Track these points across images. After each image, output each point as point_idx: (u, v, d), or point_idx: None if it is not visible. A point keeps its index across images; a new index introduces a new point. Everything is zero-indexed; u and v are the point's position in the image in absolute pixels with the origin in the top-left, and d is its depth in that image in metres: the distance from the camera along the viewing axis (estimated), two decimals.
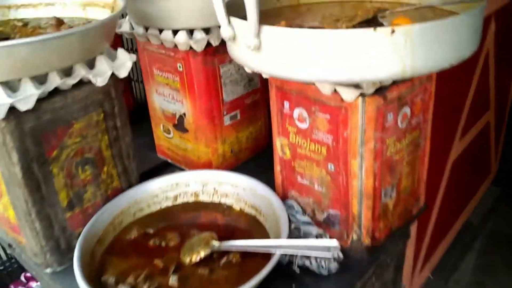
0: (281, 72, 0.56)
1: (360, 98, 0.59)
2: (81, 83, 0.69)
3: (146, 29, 0.87)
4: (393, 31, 0.49)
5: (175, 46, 0.84)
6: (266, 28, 0.54)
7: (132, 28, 0.90)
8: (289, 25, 0.69)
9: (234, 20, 0.58)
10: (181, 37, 0.80)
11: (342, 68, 0.51)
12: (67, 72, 0.67)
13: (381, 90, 0.60)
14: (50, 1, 0.83)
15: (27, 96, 0.61)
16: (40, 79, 0.63)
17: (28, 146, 0.65)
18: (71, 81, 0.67)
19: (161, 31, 0.84)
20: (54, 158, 0.69)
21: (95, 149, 0.75)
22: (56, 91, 0.66)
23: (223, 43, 0.75)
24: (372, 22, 0.65)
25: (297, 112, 0.69)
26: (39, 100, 0.64)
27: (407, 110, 0.65)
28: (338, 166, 0.67)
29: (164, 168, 1.06)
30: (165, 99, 0.97)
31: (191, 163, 0.99)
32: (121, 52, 0.73)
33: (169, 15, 0.79)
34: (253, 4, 0.52)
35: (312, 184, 0.73)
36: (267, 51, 0.55)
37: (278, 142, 0.76)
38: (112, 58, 0.73)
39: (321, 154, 0.69)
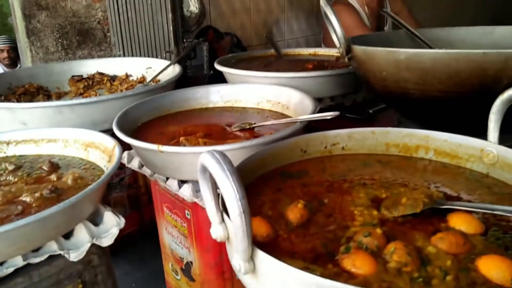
0: None
1: None
2: (54, 255, 0.55)
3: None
4: None
5: None
6: (261, 255, 0.38)
7: (142, 166, 0.78)
8: (311, 200, 0.53)
9: (228, 220, 0.43)
10: (186, 190, 0.66)
11: None
12: None
13: None
14: (52, 138, 0.74)
15: None
16: None
17: None
18: (38, 259, 0.53)
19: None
20: None
21: None
22: (18, 269, 0.53)
23: None
24: (425, 215, 0.47)
25: None
26: None
27: None
28: None
29: None
30: (173, 240, 0.82)
31: None
32: (108, 215, 0.59)
33: (174, 167, 0.66)
34: (240, 222, 0.36)
35: None
36: (263, 280, 0.38)
37: None
38: (97, 219, 0.60)
39: None
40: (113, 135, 0.89)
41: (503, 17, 3.69)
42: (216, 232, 0.43)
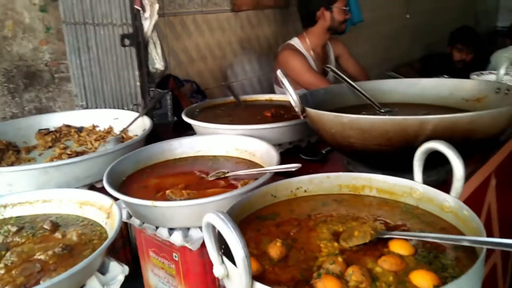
0: None
1: None
2: None
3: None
4: None
5: None
6: (259, 286, 0.52)
7: (130, 216, 0.89)
8: (285, 237, 0.67)
9: (227, 261, 0.56)
10: (177, 237, 0.79)
11: None
12: None
13: None
14: (46, 198, 0.83)
15: None
16: None
17: None
18: None
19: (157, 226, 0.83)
20: None
21: None
22: None
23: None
24: (372, 243, 0.63)
25: None
26: None
27: None
28: None
29: None
30: (160, 281, 0.93)
31: None
32: (113, 265, 0.71)
33: (165, 217, 0.78)
34: (243, 263, 0.50)
35: None
36: None
37: None
38: (103, 269, 0.71)
39: None
40: (91, 188, 0.99)
41: (431, 47, 4.18)
42: (218, 271, 0.56)
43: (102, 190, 0.84)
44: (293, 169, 0.79)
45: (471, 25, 3.77)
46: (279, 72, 0.94)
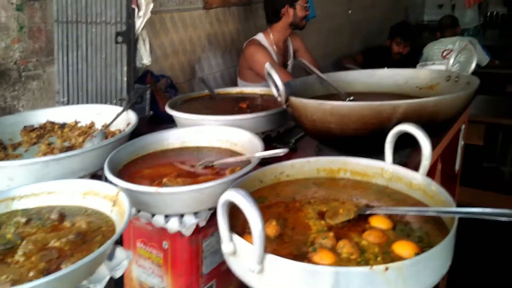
0: None
1: None
2: None
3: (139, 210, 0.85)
4: (386, 269, 0.49)
5: None
6: (270, 258, 0.54)
7: None
8: (277, 218, 0.70)
9: (236, 237, 0.58)
10: (174, 223, 0.79)
11: None
12: None
13: None
14: (51, 190, 0.81)
15: None
16: None
17: None
18: None
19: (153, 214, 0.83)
20: None
21: None
22: None
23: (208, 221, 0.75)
24: (354, 220, 0.67)
25: None
26: None
27: None
28: None
29: None
30: (144, 272, 0.92)
31: None
32: (119, 251, 0.70)
33: (165, 204, 0.78)
34: (260, 235, 0.52)
35: None
36: (270, 277, 0.54)
37: None
38: (110, 255, 0.70)
39: None
40: None
41: (368, 40, 4.32)
42: (227, 247, 0.58)
43: None
44: (281, 154, 0.81)
45: (401, 19, 3.91)
46: (267, 65, 0.94)
